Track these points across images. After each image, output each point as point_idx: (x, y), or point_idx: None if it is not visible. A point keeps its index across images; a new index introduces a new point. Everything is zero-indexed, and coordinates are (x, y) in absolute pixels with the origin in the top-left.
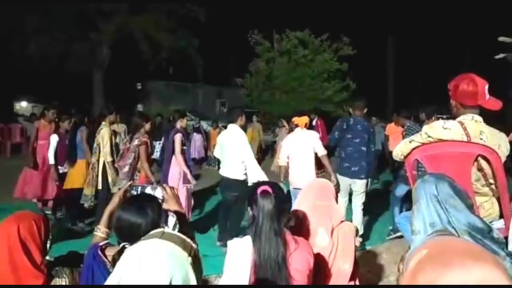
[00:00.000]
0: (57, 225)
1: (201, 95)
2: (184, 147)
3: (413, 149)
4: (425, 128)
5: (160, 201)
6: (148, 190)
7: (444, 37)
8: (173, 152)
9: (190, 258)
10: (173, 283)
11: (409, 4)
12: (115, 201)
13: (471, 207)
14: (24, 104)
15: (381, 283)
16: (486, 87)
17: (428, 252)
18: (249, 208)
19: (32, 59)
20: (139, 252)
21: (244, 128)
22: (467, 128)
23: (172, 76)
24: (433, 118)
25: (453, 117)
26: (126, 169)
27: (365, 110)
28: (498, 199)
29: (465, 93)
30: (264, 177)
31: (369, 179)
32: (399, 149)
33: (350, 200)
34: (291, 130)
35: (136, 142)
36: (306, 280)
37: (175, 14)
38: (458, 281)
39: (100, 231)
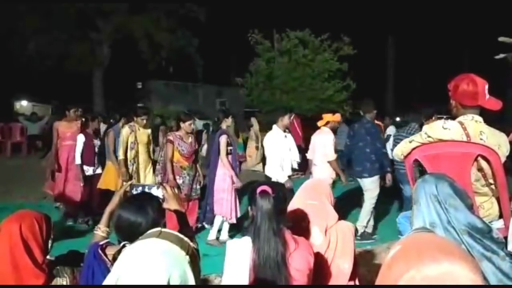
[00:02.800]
0: (58, 224)
1: (201, 95)
2: (230, 147)
3: (413, 149)
4: (425, 128)
5: (160, 200)
6: (149, 189)
7: (443, 37)
8: (218, 153)
9: (188, 257)
10: (171, 283)
11: (409, 5)
12: (115, 200)
13: (471, 207)
14: (24, 103)
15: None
16: (486, 87)
17: (402, 247)
18: (249, 208)
19: (32, 58)
20: (136, 252)
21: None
22: (467, 128)
23: (172, 76)
24: (433, 118)
25: (453, 117)
26: (158, 166)
27: (375, 111)
28: (498, 199)
29: (465, 93)
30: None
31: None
32: (399, 149)
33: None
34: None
35: (164, 140)
36: (306, 280)
37: (175, 14)
38: (428, 273)
39: (101, 230)
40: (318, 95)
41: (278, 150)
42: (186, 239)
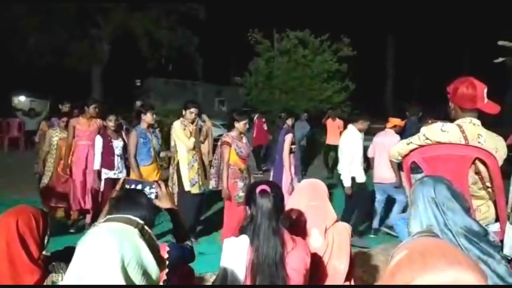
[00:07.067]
0: (54, 220)
1: (201, 93)
2: (293, 146)
3: (411, 150)
4: (424, 130)
5: (154, 197)
6: (142, 186)
7: (443, 38)
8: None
9: (137, 230)
10: (125, 254)
11: (409, 5)
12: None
13: (468, 210)
14: (22, 98)
15: (376, 284)
16: (485, 90)
17: (408, 253)
18: (247, 207)
19: (31, 54)
20: (84, 241)
21: (362, 130)
22: (465, 131)
23: (172, 74)
24: (429, 121)
25: (451, 120)
26: (212, 170)
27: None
28: (495, 203)
29: (464, 96)
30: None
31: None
32: (397, 150)
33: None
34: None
35: (219, 142)
36: (303, 280)
37: (175, 12)
38: (432, 283)
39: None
40: (317, 96)
41: (353, 151)
42: (134, 218)
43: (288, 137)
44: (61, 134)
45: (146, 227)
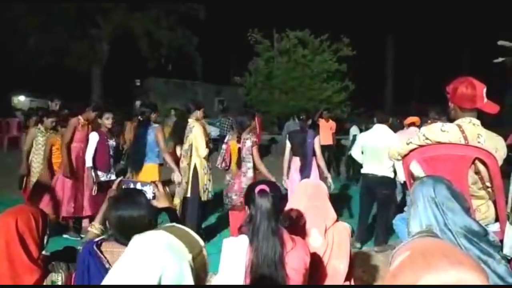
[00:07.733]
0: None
1: (200, 93)
2: None
3: (411, 150)
4: (423, 130)
5: (151, 198)
6: (139, 186)
7: (443, 38)
8: (313, 154)
9: (190, 256)
10: (163, 276)
11: (409, 5)
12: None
13: (468, 210)
14: (22, 98)
15: (375, 284)
16: (484, 90)
17: (410, 254)
18: (246, 207)
19: (31, 53)
20: (140, 240)
21: (392, 128)
22: (465, 131)
23: (172, 74)
24: (429, 121)
25: (451, 120)
26: (250, 174)
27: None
28: (494, 203)
29: (463, 96)
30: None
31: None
32: (396, 149)
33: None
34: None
35: (248, 143)
36: (302, 279)
37: (175, 12)
38: (435, 283)
39: (95, 227)
40: (317, 96)
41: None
42: (199, 240)
43: (317, 139)
44: (47, 133)
45: (203, 251)
